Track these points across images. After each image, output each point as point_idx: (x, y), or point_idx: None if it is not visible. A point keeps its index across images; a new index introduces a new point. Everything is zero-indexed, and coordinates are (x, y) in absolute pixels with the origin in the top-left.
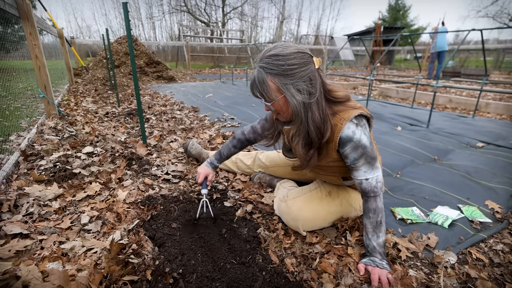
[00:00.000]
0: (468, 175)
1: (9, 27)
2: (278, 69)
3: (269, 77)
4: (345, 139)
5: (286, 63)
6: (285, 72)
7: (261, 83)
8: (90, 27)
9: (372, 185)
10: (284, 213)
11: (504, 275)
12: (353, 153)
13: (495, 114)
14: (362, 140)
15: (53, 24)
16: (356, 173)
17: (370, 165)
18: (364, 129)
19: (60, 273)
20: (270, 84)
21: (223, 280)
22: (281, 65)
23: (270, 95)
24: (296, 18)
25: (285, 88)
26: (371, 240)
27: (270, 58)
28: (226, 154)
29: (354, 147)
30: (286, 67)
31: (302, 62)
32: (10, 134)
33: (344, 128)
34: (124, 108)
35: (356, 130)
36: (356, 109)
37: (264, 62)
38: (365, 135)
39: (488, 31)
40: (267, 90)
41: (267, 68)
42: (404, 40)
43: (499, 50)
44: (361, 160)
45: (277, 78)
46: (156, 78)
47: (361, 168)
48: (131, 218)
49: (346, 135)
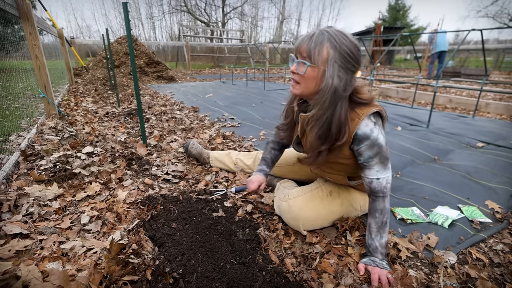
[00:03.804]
0: (468, 175)
1: (9, 27)
2: (340, 46)
3: (327, 44)
4: (361, 136)
5: (348, 47)
6: (343, 52)
7: (317, 43)
8: (90, 27)
9: (382, 185)
10: (285, 212)
11: (504, 275)
12: (368, 151)
13: (495, 114)
14: (379, 139)
15: (53, 24)
16: (368, 172)
17: (383, 165)
18: (381, 128)
19: (60, 273)
20: (324, 50)
21: (223, 280)
22: (345, 44)
23: (316, 58)
24: (296, 18)
25: (331, 65)
26: (374, 240)
27: (339, 31)
28: (271, 158)
29: (370, 145)
30: (346, 49)
31: (356, 58)
32: (10, 134)
33: (361, 125)
34: (124, 108)
35: (374, 128)
36: (374, 106)
37: (331, 31)
38: (381, 134)
39: (488, 31)
40: (318, 52)
41: (331, 36)
42: (404, 40)
43: (499, 50)
44: (375, 159)
45: (333, 51)
46: (156, 78)
47: (374, 167)
48: (131, 218)
49: (364, 132)
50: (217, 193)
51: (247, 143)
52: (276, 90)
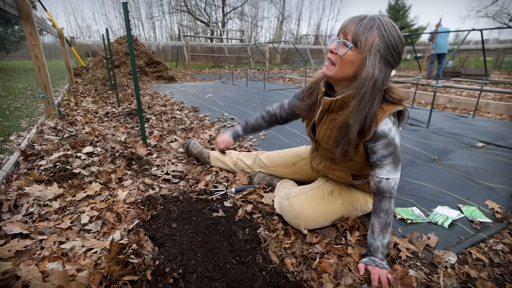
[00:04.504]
0: (468, 175)
1: (9, 27)
2: (387, 36)
3: (376, 32)
4: (380, 134)
5: (395, 40)
6: (389, 44)
7: (366, 28)
8: (90, 27)
9: (390, 186)
10: (286, 211)
11: (504, 275)
12: (383, 150)
13: (495, 114)
14: (396, 139)
15: (53, 24)
16: (379, 171)
17: (395, 166)
18: (397, 129)
19: (60, 273)
20: (370, 37)
21: (223, 280)
22: (393, 36)
23: (361, 43)
24: (296, 18)
25: (374, 54)
26: (376, 240)
27: (390, 22)
28: (252, 123)
29: (386, 144)
30: (393, 42)
31: (399, 53)
32: (10, 134)
33: (382, 123)
34: (124, 108)
35: (392, 128)
36: (400, 105)
37: (383, 19)
38: (398, 135)
39: (488, 31)
40: (364, 37)
41: (381, 25)
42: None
43: (499, 50)
44: (389, 159)
45: (379, 39)
46: (156, 78)
47: (385, 166)
48: (131, 218)
49: (382, 130)
50: (217, 193)
51: (247, 143)
52: (276, 90)
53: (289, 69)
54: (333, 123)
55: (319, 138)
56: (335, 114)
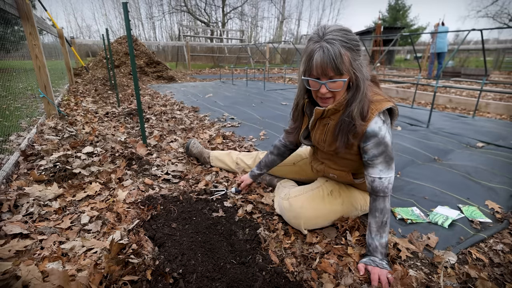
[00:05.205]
0: (468, 175)
1: (9, 27)
2: (349, 43)
3: (341, 49)
4: (370, 133)
5: (354, 38)
6: (354, 47)
7: (337, 56)
8: (90, 27)
9: (384, 185)
10: (286, 211)
11: (504, 275)
12: (374, 149)
13: (495, 114)
14: (386, 138)
15: (53, 24)
16: (371, 170)
17: (387, 165)
18: (389, 127)
19: (60, 273)
20: (343, 57)
21: (223, 280)
22: (351, 39)
23: (344, 68)
24: (296, 18)
25: (354, 62)
26: (374, 240)
27: (339, 32)
28: (265, 161)
29: (377, 143)
30: (354, 42)
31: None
32: (10, 134)
33: (371, 122)
34: (124, 108)
35: (382, 127)
36: (388, 101)
37: (334, 35)
38: (389, 134)
39: (488, 31)
40: (340, 62)
41: (340, 40)
42: (404, 40)
43: (499, 50)
44: (380, 158)
45: (349, 52)
46: (156, 78)
47: (377, 166)
48: (131, 218)
49: (372, 129)
50: (217, 193)
51: (247, 143)
52: (276, 90)
53: (289, 69)
54: (326, 127)
55: (315, 142)
56: (327, 119)
